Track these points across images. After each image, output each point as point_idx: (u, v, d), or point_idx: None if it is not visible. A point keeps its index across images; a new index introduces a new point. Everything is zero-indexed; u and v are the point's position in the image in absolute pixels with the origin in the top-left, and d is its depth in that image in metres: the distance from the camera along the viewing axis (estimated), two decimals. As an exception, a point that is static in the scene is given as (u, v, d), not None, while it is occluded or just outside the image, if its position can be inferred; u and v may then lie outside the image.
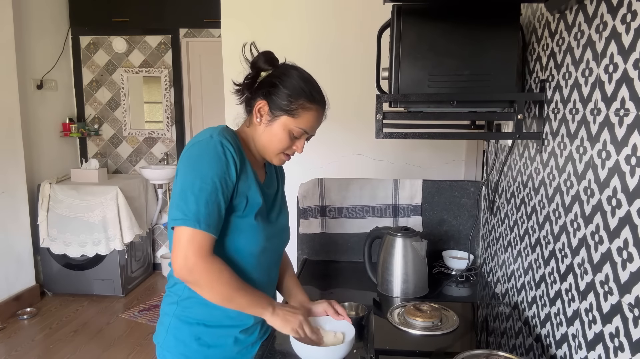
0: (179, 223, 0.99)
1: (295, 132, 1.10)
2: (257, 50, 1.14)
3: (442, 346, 1.14)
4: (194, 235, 0.98)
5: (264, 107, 1.10)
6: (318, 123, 1.14)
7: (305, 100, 1.08)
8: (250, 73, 1.14)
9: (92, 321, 3.49)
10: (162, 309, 1.19)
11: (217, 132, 1.05)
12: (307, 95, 1.08)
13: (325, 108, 1.14)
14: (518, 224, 1.38)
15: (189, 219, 0.98)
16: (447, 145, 2.39)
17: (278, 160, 1.15)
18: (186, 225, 0.98)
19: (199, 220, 0.98)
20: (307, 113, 1.09)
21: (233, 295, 1.04)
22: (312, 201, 1.95)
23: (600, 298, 0.89)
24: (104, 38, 4.40)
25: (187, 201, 0.99)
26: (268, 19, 2.33)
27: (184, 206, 0.98)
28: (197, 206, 0.98)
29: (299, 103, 1.08)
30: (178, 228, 0.99)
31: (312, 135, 1.15)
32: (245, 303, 1.06)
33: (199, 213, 0.98)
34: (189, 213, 0.98)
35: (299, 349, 1.09)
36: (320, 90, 1.13)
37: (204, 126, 4.45)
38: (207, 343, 1.13)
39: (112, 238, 3.78)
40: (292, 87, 1.08)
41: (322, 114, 1.14)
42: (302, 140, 1.13)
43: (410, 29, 1.22)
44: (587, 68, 0.96)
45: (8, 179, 3.52)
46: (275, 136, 1.10)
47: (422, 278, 1.56)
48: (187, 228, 0.98)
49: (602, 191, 0.89)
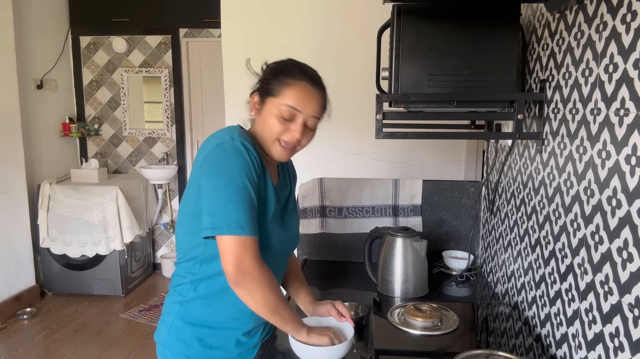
0: (222, 231, 0.97)
1: (283, 112, 1.05)
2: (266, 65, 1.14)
3: (442, 346, 1.13)
4: (243, 241, 0.97)
5: (255, 98, 1.11)
6: (307, 100, 1.06)
7: (284, 76, 1.07)
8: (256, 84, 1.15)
9: (92, 321, 3.49)
10: (165, 308, 1.18)
11: (237, 134, 1.04)
12: (285, 72, 1.08)
13: (315, 85, 1.09)
14: (518, 224, 1.38)
15: (232, 226, 0.97)
16: (447, 145, 2.38)
17: (276, 151, 1.09)
18: (231, 234, 0.97)
19: (243, 226, 0.97)
20: (289, 88, 1.05)
21: (279, 306, 1.03)
22: (312, 201, 1.95)
23: (600, 298, 0.89)
24: (104, 38, 4.40)
25: (225, 209, 0.97)
26: (268, 19, 2.33)
27: (224, 214, 0.97)
28: (238, 212, 0.97)
29: (279, 80, 1.07)
30: (223, 237, 0.98)
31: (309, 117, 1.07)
32: (287, 317, 1.06)
33: (241, 219, 0.97)
34: (231, 221, 0.97)
35: (297, 349, 1.09)
36: (301, 66, 1.10)
37: (204, 126, 4.47)
38: (210, 344, 1.13)
39: (112, 238, 3.78)
40: (272, 69, 1.10)
41: (312, 91, 1.07)
42: (297, 124, 1.07)
43: (410, 29, 1.22)
44: (587, 68, 0.96)
45: (8, 179, 3.52)
46: (266, 122, 1.07)
47: (422, 278, 1.56)
48: (233, 236, 0.97)
49: (602, 191, 0.89)
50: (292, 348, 1.10)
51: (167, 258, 4.40)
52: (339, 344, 1.09)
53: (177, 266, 1.17)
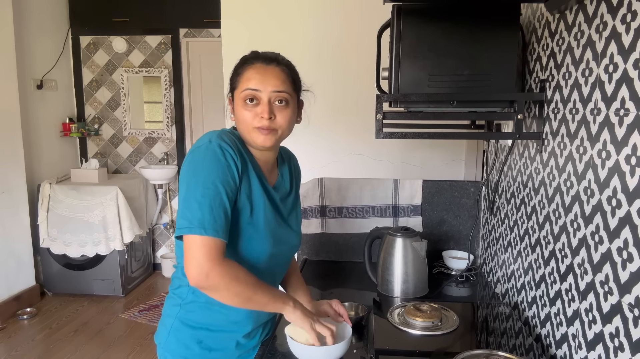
0: (185, 231, 0.97)
1: (245, 96, 1.06)
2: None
3: (442, 346, 1.14)
4: (202, 241, 0.96)
5: (229, 100, 1.14)
6: (260, 78, 1.05)
7: (238, 68, 1.10)
8: None
9: (92, 321, 3.49)
10: (165, 310, 1.18)
11: (216, 136, 1.04)
12: (239, 64, 1.10)
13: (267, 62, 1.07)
14: (518, 224, 1.38)
15: (194, 226, 0.96)
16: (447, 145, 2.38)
17: (257, 138, 1.07)
18: (192, 233, 0.96)
19: (205, 226, 0.96)
20: (243, 75, 1.08)
21: (252, 294, 1.01)
22: (312, 201, 1.95)
23: (600, 298, 0.89)
24: (104, 38, 4.40)
25: (191, 209, 0.97)
26: (268, 19, 2.33)
27: (189, 214, 0.97)
28: (202, 213, 0.97)
29: (236, 74, 1.10)
30: (187, 237, 0.98)
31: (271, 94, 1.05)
32: (265, 300, 1.04)
33: (204, 219, 0.97)
34: (194, 221, 0.97)
35: (295, 348, 1.09)
36: (255, 52, 1.11)
37: (204, 126, 4.47)
38: (209, 347, 1.13)
39: (112, 238, 3.78)
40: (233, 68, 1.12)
41: (263, 68, 1.06)
42: (262, 105, 1.05)
43: (410, 29, 1.21)
44: (587, 68, 0.96)
45: (8, 179, 3.52)
46: (237, 116, 1.09)
47: (422, 278, 1.56)
48: (195, 236, 0.97)
49: (602, 191, 0.89)
50: (290, 348, 1.10)
51: (167, 258, 4.40)
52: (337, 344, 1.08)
53: (176, 269, 1.17)
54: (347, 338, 1.10)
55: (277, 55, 1.11)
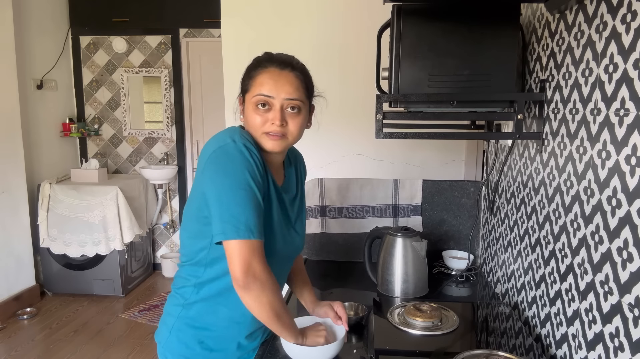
0: (232, 236, 0.96)
1: (257, 101, 1.04)
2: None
3: (442, 346, 1.13)
4: (252, 245, 0.96)
5: (239, 101, 1.12)
6: (274, 84, 1.03)
7: (253, 70, 1.07)
8: None
9: (92, 321, 3.49)
10: (167, 309, 1.17)
11: (238, 135, 1.02)
12: (254, 65, 1.08)
13: (282, 67, 1.05)
14: (518, 224, 1.38)
15: (241, 231, 0.95)
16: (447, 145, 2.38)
17: (266, 142, 1.06)
18: (240, 238, 0.95)
19: (252, 230, 0.96)
20: (256, 79, 1.05)
21: (282, 312, 1.03)
22: (312, 201, 1.95)
23: (600, 298, 0.89)
24: (104, 38, 4.40)
25: (233, 213, 0.96)
26: (268, 19, 2.33)
27: (232, 219, 0.96)
28: (246, 216, 0.96)
29: (249, 75, 1.08)
30: (231, 241, 0.96)
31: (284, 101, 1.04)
32: (288, 323, 1.05)
33: (249, 223, 0.96)
34: (240, 225, 0.95)
35: (288, 349, 1.09)
36: (269, 55, 1.09)
37: (204, 126, 4.47)
38: (210, 347, 1.12)
39: (112, 238, 3.78)
40: (246, 68, 1.10)
41: (277, 73, 1.04)
42: (274, 111, 1.04)
43: (410, 29, 1.21)
44: (587, 68, 0.96)
45: (8, 179, 3.52)
46: (248, 118, 1.07)
47: (422, 278, 1.56)
48: (242, 240, 0.96)
49: (602, 191, 0.89)
50: (284, 347, 1.10)
51: (167, 258, 4.40)
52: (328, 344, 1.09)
53: (180, 269, 1.16)
54: (339, 339, 1.10)
55: (291, 59, 1.08)
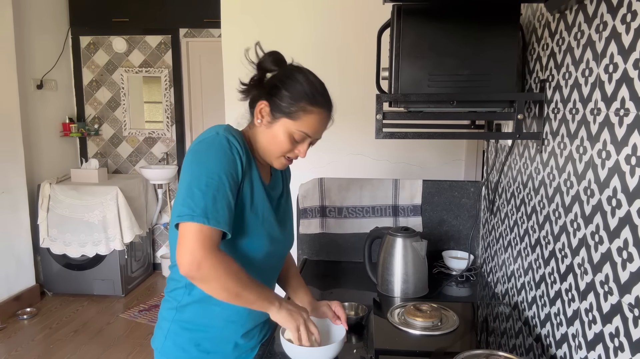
0: (186, 218, 0.94)
1: (296, 135, 1.06)
2: (262, 51, 1.10)
3: (442, 346, 1.13)
4: (201, 230, 0.93)
5: (265, 109, 1.06)
6: (322, 127, 1.09)
7: (307, 103, 1.04)
8: (256, 74, 1.11)
9: (92, 321, 3.49)
10: (161, 314, 1.17)
11: (223, 129, 1.03)
12: (308, 98, 1.04)
13: (331, 112, 1.10)
14: (518, 224, 1.38)
15: (197, 214, 0.93)
16: (447, 145, 2.38)
17: (279, 163, 1.11)
18: (194, 221, 0.93)
19: (207, 215, 0.94)
20: (309, 116, 1.05)
21: (241, 290, 0.99)
22: (312, 201, 1.95)
23: (600, 298, 0.89)
24: (104, 38, 4.40)
25: (193, 197, 0.95)
26: (268, 19, 2.33)
27: (191, 202, 0.94)
28: (205, 202, 0.95)
29: (300, 105, 1.04)
30: (184, 224, 0.95)
31: (317, 139, 1.11)
32: (252, 298, 1.01)
33: (207, 208, 0.94)
34: (197, 209, 0.94)
35: (288, 349, 1.09)
36: (325, 92, 1.09)
37: (204, 126, 4.46)
38: (207, 349, 1.12)
39: (112, 238, 3.78)
40: (293, 89, 1.04)
41: (327, 118, 1.09)
42: (304, 144, 1.09)
43: (410, 29, 1.22)
44: (587, 68, 0.96)
45: (8, 179, 3.52)
46: (275, 139, 1.07)
47: (422, 278, 1.56)
48: (194, 224, 0.93)
49: (602, 191, 0.89)
50: (283, 347, 1.10)
51: (167, 258, 4.40)
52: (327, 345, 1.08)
53: (171, 270, 1.15)
54: (339, 341, 1.09)
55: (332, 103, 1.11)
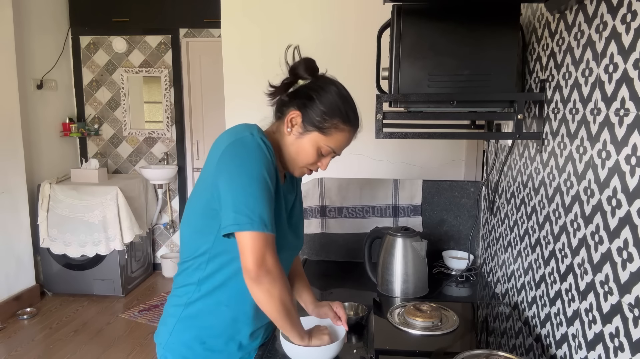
0: (246, 227, 0.94)
1: (323, 149, 1.07)
2: (299, 55, 1.11)
3: (442, 346, 1.14)
4: (266, 238, 0.95)
5: (296, 119, 1.06)
6: (347, 144, 1.11)
7: (340, 121, 1.05)
8: (287, 78, 1.10)
9: (92, 321, 3.49)
10: (167, 310, 1.17)
11: (256, 130, 1.02)
12: (342, 116, 1.05)
13: (357, 130, 1.11)
14: (518, 224, 1.38)
15: (255, 222, 0.94)
16: (447, 145, 2.38)
17: (300, 172, 1.13)
18: (254, 229, 0.94)
19: (266, 223, 0.95)
20: (340, 133, 1.06)
21: (292, 308, 1.02)
22: (312, 201, 1.95)
23: (600, 298, 0.89)
24: (104, 38, 4.40)
25: (248, 204, 0.94)
26: (268, 19, 2.33)
27: (247, 209, 0.94)
28: (261, 208, 0.95)
29: (333, 122, 1.04)
30: (244, 233, 0.95)
31: (338, 155, 1.12)
32: (296, 320, 1.05)
33: (264, 215, 0.95)
34: (254, 216, 0.94)
35: (288, 349, 1.09)
36: (356, 110, 1.09)
37: (204, 126, 4.47)
38: (212, 348, 1.12)
39: (112, 238, 3.78)
40: (329, 104, 1.04)
41: (354, 136, 1.11)
42: (328, 158, 1.10)
43: (410, 29, 1.22)
44: (587, 68, 0.96)
45: (8, 179, 3.52)
46: (303, 150, 1.07)
47: (422, 278, 1.56)
48: (256, 232, 0.94)
49: (602, 191, 0.89)
50: (283, 347, 1.10)
51: (167, 258, 4.40)
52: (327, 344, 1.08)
53: (181, 266, 1.15)
54: (339, 340, 1.10)
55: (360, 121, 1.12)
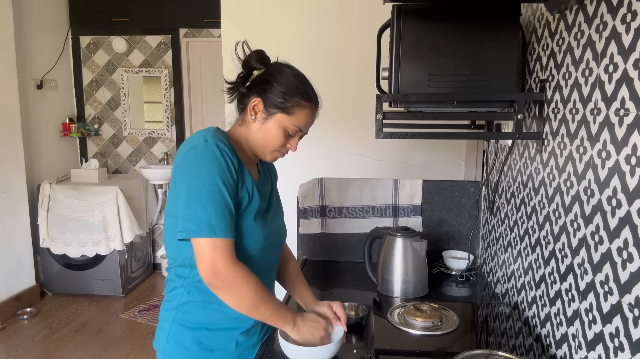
0: (193, 234, 0.99)
1: (290, 129, 1.10)
2: (249, 49, 1.14)
3: (442, 346, 1.14)
4: (214, 243, 0.98)
5: (258, 105, 1.10)
6: (311, 122, 1.15)
7: (301, 98, 1.09)
8: (242, 72, 1.15)
9: (92, 321, 3.49)
10: (161, 315, 1.18)
11: (211, 135, 1.05)
12: (302, 93, 1.09)
13: (318, 107, 1.15)
14: (518, 224, 1.38)
15: (202, 229, 0.98)
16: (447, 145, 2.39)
17: (271, 157, 1.15)
18: (201, 236, 0.98)
19: (213, 228, 0.98)
20: (302, 111, 1.10)
21: (258, 303, 1.04)
22: (312, 201, 1.95)
23: (600, 298, 0.89)
24: (104, 38, 4.40)
25: (196, 211, 0.98)
26: (268, 19, 2.33)
27: (194, 217, 0.98)
28: (208, 215, 0.98)
29: (295, 101, 1.08)
30: (196, 240, 0.99)
31: (305, 134, 1.16)
32: (269, 313, 1.07)
33: (211, 221, 0.98)
34: (202, 223, 0.98)
35: (286, 349, 1.09)
36: (313, 88, 1.13)
37: (203, 126, 4.43)
38: (209, 347, 1.12)
39: (112, 238, 3.78)
40: (287, 84, 1.08)
41: (316, 113, 1.15)
42: (295, 139, 1.14)
43: (410, 29, 1.22)
44: (587, 68, 0.96)
45: (8, 179, 3.52)
46: (270, 134, 1.10)
47: (422, 278, 1.56)
48: (204, 239, 0.98)
49: (602, 191, 0.89)
50: (281, 347, 1.10)
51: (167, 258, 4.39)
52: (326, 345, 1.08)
53: (169, 272, 1.17)
54: (337, 340, 1.10)
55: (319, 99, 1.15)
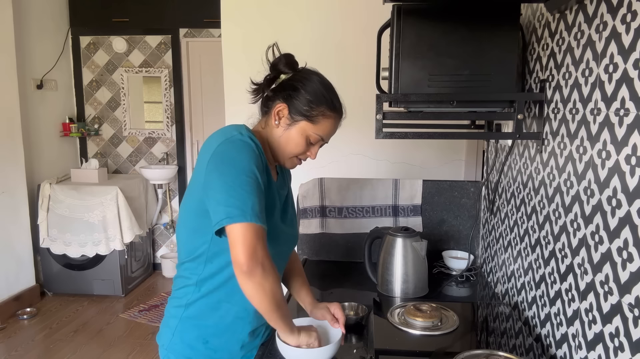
0: (238, 219, 0.93)
1: (312, 138, 1.10)
2: (279, 52, 1.12)
3: (442, 346, 1.14)
4: (258, 230, 0.95)
5: (283, 111, 1.09)
6: (334, 132, 1.15)
7: (326, 108, 1.09)
8: (269, 74, 1.13)
9: (92, 321, 3.49)
10: (168, 311, 1.17)
11: (245, 129, 1.05)
12: (328, 103, 1.09)
13: (342, 118, 1.15)
14: (518, 224, 1.38)
15: (248, 214, 0.94)
16: (447, 145, 2.39)
17: (291, 163, 1.15)
18: (246, 220, 0.93)
19: (258, 215, 0.95)
20: (327, 120, 1.10)
21: (282, 302, 1.02)
22: (312, 201, 1.95)
23: (600, 298, 0.89)
24: (104, 38, 4.40)
25: (239, 197, 0.95)
26: (268, 19, 2.33)
27: (238, 202, 0.94)
28: (252, 201, 0.95)
29: (320, 110, 1.08)
30: (236, 225, 0.94)
31: (326, 143, 1.16)
32: (286, 314, 1.05)
33: (254, 208, 0.95)
34: (247, 208, 0.94)
35: (284, 351, 1.09)
36: (339, 98, 1.13)
37: (204, 126, 4.47)
38: (215, 347, 1.12)
39: (112, 238, 3.78)
40: (313, 92, 1.08)
41: (339, 123, 1.15)
42: (316, 147, 1.14)
43: (410, 29, 1.22)
44: (587, 68, 0.96)
45: (8, 179, 3.52)
46: (292, 140, 1.10)
47: (422, 278, 1.56)
48: (248, 224, 0.94)
49: (602, 191, 0.89)
50: (279, 348, 1.10)
51: (167, 258, 4.40)
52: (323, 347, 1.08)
53: (179, 268, 1.15)
54: (335, 342, 1.10)
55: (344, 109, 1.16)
